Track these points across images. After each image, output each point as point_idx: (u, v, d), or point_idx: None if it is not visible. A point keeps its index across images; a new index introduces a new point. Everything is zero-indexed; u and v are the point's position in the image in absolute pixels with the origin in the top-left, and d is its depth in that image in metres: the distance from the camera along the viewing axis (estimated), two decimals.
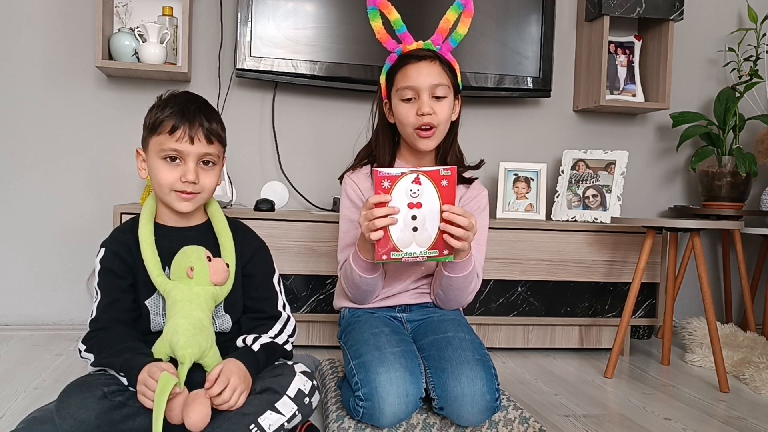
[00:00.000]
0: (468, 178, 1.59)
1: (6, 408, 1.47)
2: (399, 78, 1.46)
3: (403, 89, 1.45)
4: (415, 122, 1.45)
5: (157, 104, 1.27)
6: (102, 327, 1.21)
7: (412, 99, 1.45)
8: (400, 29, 1.47)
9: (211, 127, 1.26)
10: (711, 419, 1.62)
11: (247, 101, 2.36)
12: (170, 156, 1.24)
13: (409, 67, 1.44)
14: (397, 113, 1.48)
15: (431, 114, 1.43)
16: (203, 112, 1.26)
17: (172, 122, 1.22)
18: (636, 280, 1.99)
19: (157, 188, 1.27)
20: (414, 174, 1.27)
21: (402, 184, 1.27)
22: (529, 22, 2.41)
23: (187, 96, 1.29)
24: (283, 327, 1.32)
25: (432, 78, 1.44)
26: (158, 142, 1.24)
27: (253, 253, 1.35)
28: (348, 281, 1.49)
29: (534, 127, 2.59)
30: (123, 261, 1.26)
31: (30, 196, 2.27)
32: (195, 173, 1.24)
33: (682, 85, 2.65)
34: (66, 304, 2.29)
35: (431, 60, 1.45)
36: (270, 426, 1.12)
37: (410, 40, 1.47)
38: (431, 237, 1.29)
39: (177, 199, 1.26)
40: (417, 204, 1.27)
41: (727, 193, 2.48)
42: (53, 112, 2.27)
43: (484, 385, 1.29)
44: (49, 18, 2.24)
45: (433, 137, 1.47)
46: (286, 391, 1.16)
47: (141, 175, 1.31)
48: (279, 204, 2.22)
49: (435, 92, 1.44)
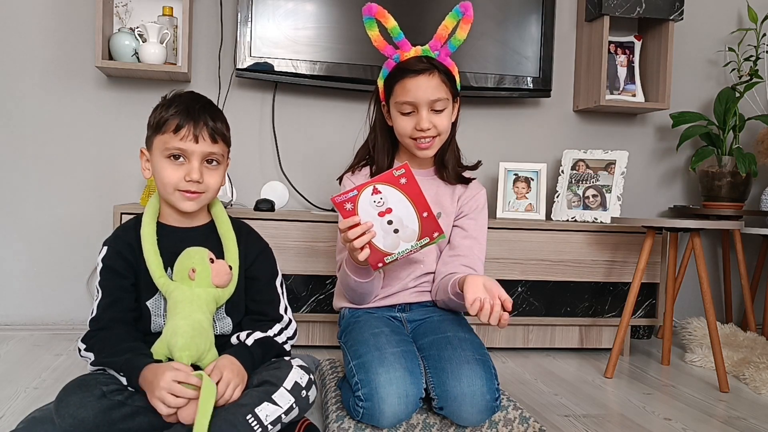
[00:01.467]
0: (466, 178, 1.59)
1: (6, 408, 1.47)
2: (398, 91, 1.45)
3: (401, 104, 1.44)
4: (413, 134, 1.46)
5: (161, 103, 1.27)
6: (102, 326, 1.21)
7: (411, 113, 1.45)
8: (397, 37, 1.45)
9: (216, 126, 1.26)
10: (711, 419, 1.61)
11: (247, 101, 2.36)
12: (174, 155, 1.24)
13: (408, 81, 1.42)
14: (396, 124, 1.48)
15: (430, 128, 1.44)
16: (208, 111, 1.26)
17: (177, 121, 1.22)
18: (636, 280, 1.99)
19: (161, 187, 1.26)
20: (369, 186, 1.27)
21: (364, 199, 1.27)
22: (529, 22, 2.41)
23: (192, 95, 1.29)
24: (284, 329, 1.32)
25: (430, 93, 1.43)
26: (162, 141, 1.24)
27: (257, 255, 1.35)
28: (345, 284, 1.49)
29: (534, 127, 2.59)
30: (125, 260, 1.26)
31: (30, 195, 2.27)
32: (199, 172, 1.24)
33: (682, 85, 2.65)
34: (66, 304, 2.29)
35: (430, 73, 1.42)
36: (267, 417, 1.12)
37: (408, 47, 1.45)
38: (415, 231, 1.31)
39: (181, 199, 1.26)
40: (386, 210, 1.28)
41: (727, 193, 2.48)
42: (53, 112, 2.27)
43: (484, 384, 1.29)
44: (49, 18, 2.24)
45: (432, 147, 1.48)
46: (282, 383, 1.16)
47: (145, 175, 1.30)
48: (279, 204, 2.22)
49: (434, 106, 1.44)
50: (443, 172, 1.55)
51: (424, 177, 1.56)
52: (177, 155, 1.24)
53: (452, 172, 1.55)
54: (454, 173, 1.55)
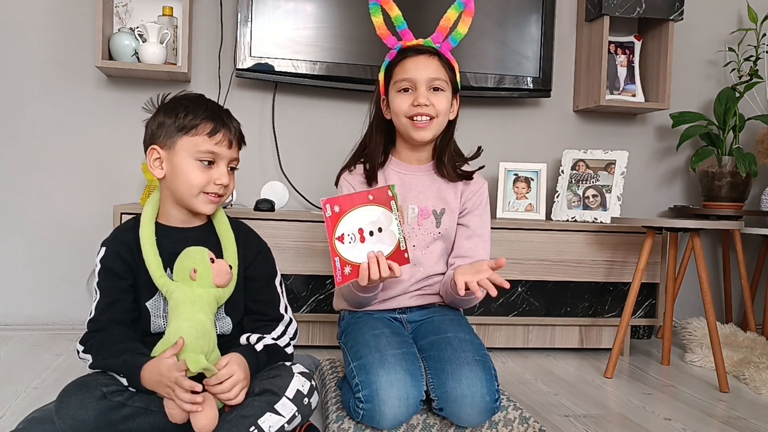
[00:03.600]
0: (467, 173, 1.56)
1: (6, 408, 1.47)
2: (397, 71, 1.46)
3: (400, 81, 1.45)
4: (409, 111, 1.44)
5: (181, 104, 1.26)
6: (100, 328, 1.21)
7: (409, 90, 1.45)
8: (400, 26, 1.47)
9: (240, 132, 1.30)
10: (711, 419, 1.62)
11: (247, 101, 2.36)
12: (206, 158, 1.24)
13: (408, 60, 1.45)
14: (393, 104, 1.48)
15: (428, 105, 1.43)
16: (232, 117, 1.30)
17: (212, 125, 1.24)
18: (636, 280, 1.99)
19: (185, 188, 1.25)
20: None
21: (342, 229, 1.24)
22: (529, 23, 2.41)
23: (209, 100, 1.30)
24: (286, 329, 1.32)
25: (430, 71, 1.44)
26: (194, 144, 1.24)
27: (256, 255, 1.35)
28: (348, 297, 1.48)
29: (534, 127, 2.59)
30: (124, 261, 1.26)
31: (30, 195, 2.27)
32: (228, 176, 1.27)
33: (682, 85, 2.65)
34: (66, 304, 2.29)
35: (430, 54, 1.45)
36: (270, 427, 1.12)
37: (410, 37, 1.48)
38: (395, 233, 1.28)
39: (205, 201, 1.27)
40: (360, 231, 1.26)
41: (727, 193, 2.48)
42: (53, 112, 2.27)
43: (484, 386, 1.28)
44: (49, 18, 2.24)
45: (429, 128, 1.46)
46: (284, 393, 1.16)
47: (156, 174, 1.27)
48: (279, 204, 2.22)
49: (432, 85, 1.44)
50: (442, 169, 1.54)
51: (423, 173, 1.55)
52: (209, 159, 1.25)
53: (452, 170, 1.53)
54: (454, 171, 1.54)
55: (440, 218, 1.53)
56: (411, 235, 1.51)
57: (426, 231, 1.52)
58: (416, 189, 1.53)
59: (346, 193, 1.48)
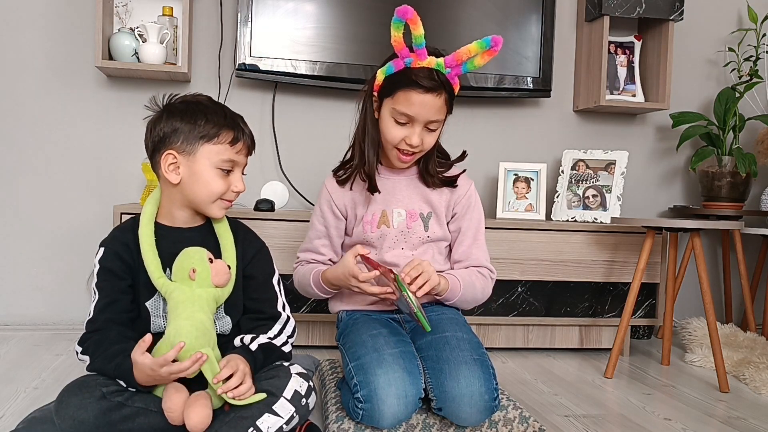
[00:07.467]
0: (450, 179, 1.55)
1: (6, 408, 1.47)
2: (401, 98, 1.41)
3: (400, 113, 1.42)
4: (399, 144, 1.45)
5: (199, 110, 1.25)
6: (98, 328, 1.21)
7: (406, 124, 1.43)
8: (419, 45, 1.39)
9: (253, 138, 1.33)
10: (711, 419, 1.62)
11: (247, 101, 2.36)
12: (227, 167, 1.26)
13: (415, 94, 1.39)
14: (385, 129, 1.46)
15: (419, 145, 1.44)
16: (246, 123, 1.32)
17: (233, 133, 1.26)
18: (636, 280, 1.99)
19: (205, 195, 1.26)
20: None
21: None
22: (529, 23, 2.41)
23: (223, 105, 1.31)
24: (283, 327, 1.33)
25: (432, 113, 1.42)
26: (216, 152, 1.24)
27: (254, 255, 1.35)
28: (301, 286, 1.56)
29: (534, 127, 2.59)
30: (123, 261, 1.26)
31: (30, 196, 2.27)
32: (243, 183, 1.30)
33: (682, 85, 2.65)
34: (66, 304, 2.29)
35: (437, 93, 1.40)
36: (268, 428, 1.12)
37: (424, 57, 1.40)
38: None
39: (220, 207, 1.29)
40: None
41: (727, 193, 2.48)
42: (53, 112, 2.27)
43: (482, 385, 1.28)
44: (49, 18, 2.25)
45: (413, 159, 1.49)
46: (282, 393, 1.16)
47: (171, 179, 1.25)
48: (279, 204, 2.22)
49: (429, 126, 1.44)
50: (427, 178, 1.54)
51: (408, 177, 1.56)
52: (230, 168, 1.27)
53: (436, 179, 1.54)
54: (438, 180, 1.54)
55: (427, 222, 1.55)
56: (401, 239, 1.53)
57: (415, 234, 1.53)
58: (401, 193, 1.55)
59: (324, 203, 1.57)
